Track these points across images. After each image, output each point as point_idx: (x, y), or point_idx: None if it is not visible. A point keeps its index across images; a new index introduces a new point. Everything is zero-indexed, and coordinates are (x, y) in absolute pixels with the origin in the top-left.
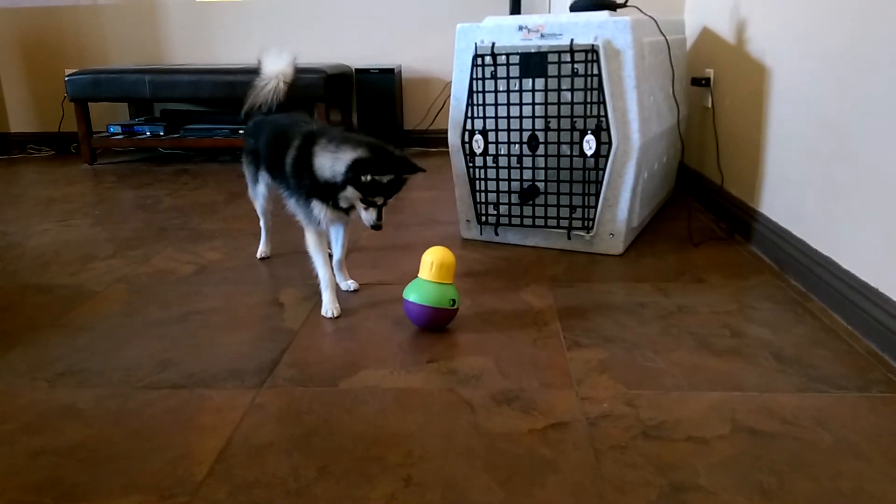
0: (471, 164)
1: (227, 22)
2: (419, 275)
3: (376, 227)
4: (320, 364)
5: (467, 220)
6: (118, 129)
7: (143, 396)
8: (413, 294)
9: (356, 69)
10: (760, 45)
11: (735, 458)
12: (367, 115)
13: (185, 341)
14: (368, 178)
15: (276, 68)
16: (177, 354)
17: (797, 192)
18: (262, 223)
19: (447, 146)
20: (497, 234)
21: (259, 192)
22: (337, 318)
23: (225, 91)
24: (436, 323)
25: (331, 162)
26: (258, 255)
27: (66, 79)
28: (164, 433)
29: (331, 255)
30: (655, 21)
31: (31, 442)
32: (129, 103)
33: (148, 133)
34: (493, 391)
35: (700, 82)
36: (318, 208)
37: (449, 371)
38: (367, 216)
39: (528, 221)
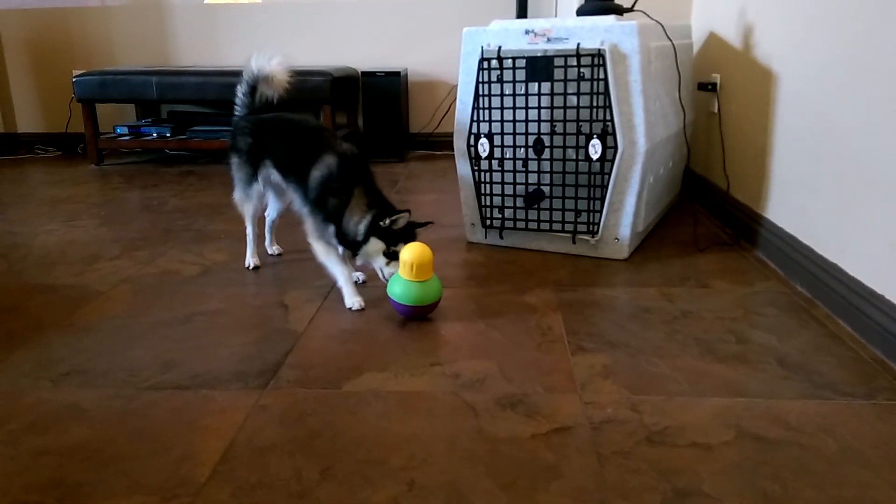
0: (476, 168)
1: (234, 24)
2: (399, 271)
3: None
4: (324, 366)
5: (472, 224)
6: (125, 130)
7: (146, 397)
8: (397, 291)
9: (362, 72)
10: (767, 50)
11: (739, 465)
12: (372, 117)
13: (190, 342)
14: (387, 222)
15: (268, 67)
16: (181, 355)
17: (803, 197)
18: (249, 229)
19: (452, 149)
20: (502, 237)
21: (254, 192)
22: (362, 310)
23: (231, 93)
24: (421, 315)
25: (357, 218)
26: (249, 265)
27: (74, 80)
28: (167, 434)
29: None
30: (662, 26)
31: (35, 442)
32: (136, 104)
33: (154, 134)
34: (496, 395)
35: (706, 87)
36: (333, 232)
37: (453, 374)
38: (389, 271)
39: (532, 225)
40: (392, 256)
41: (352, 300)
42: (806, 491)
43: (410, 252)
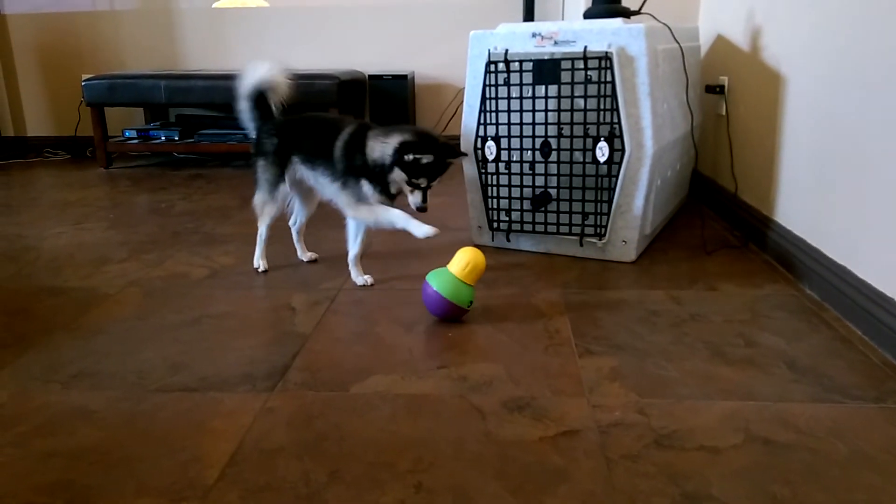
0: (483, 171)
1: (242, 28)
2: (449, 266)
3: (421, 209)
4: (331, 369)
5: (479, 227)
6: (133, 134)
7: (155, 399)
8: (437, 282)
9: (369, 75)
10: (775, 52)
11: (748, 469)
12: (379, 120)
13: (198, 345)
14: (410, 157)
15: (264, 74)
16: (189, 358)
17: (812, 200)
18: (262, 231)
19: None
20: (509, 240)
21: (280, 193)
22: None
23: None
24: (447, 315)
25: (380, 146)
26: (259, 268)
27: (83, 84)
28: (175, 436)
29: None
30: (669, 28)
31: (44, 444)
32: (144, 108)
33: (163, 138)
34: (503, 398)
35: (714, 90)
36: (368, 188)
37: (460, 377)
38: (412, 199)
39: (540, 228)
40: (414, 186)
41: (422, 230)
42: (816, 495)
43: (473, 253)
